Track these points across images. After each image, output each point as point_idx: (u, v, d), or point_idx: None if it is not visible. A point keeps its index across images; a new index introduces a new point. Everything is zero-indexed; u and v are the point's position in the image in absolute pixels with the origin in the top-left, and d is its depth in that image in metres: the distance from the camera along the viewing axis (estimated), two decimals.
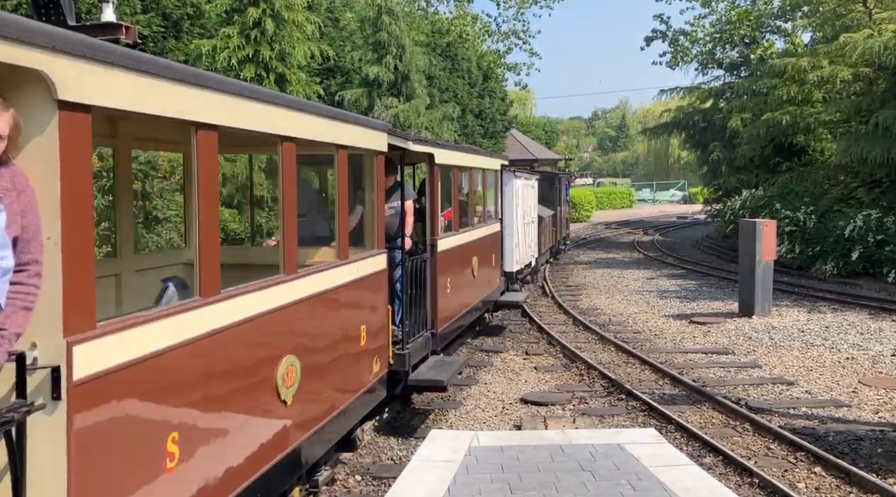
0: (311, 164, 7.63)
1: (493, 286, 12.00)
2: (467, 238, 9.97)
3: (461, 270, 9.62)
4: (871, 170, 18.86)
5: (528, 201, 16.47)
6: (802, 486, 6.28)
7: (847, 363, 10.36)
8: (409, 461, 6.11)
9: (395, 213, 7.37)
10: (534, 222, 17.55)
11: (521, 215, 15.31)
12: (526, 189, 16.21)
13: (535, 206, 17.75)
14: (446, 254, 8.67)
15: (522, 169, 19.11)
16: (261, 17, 16.23)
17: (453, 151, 9.40)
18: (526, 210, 16.13)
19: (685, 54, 37.60)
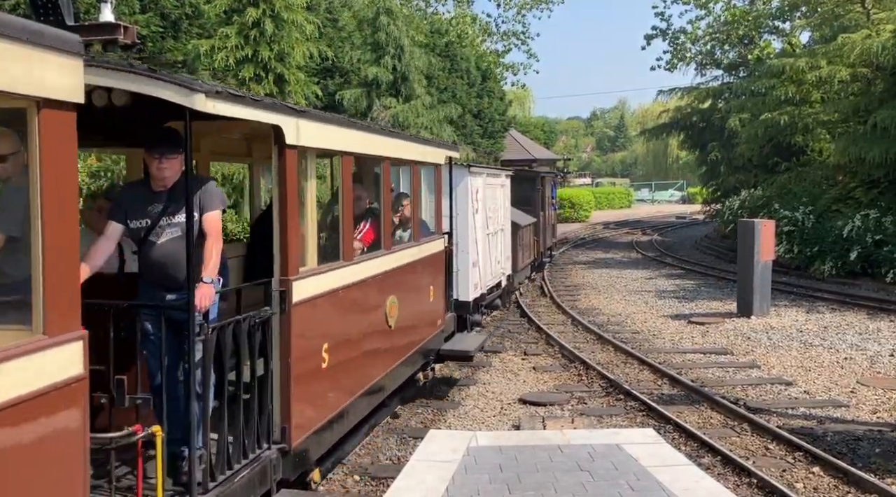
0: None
1: (430, 330, 8.27)
2: (372, 270, 6.37)
3: (356, 325, 6.08)
4: (869, 170, 18.87)
5: (494, 205, 13.06)
6: (800, 486, 6.28)
7: (845, 363, 10.37)
8: (408, 461, 6.12)
9: (178, 234, 4.29)
10: (503, 231, 13.87)
11: (481, 225, 11.92)
12: (491, 190, 12.92)
13: (506, 212, 14.25)
14: (316, 305, 5.18)
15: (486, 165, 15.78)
16: (260, 17, 16.23)
17: (337, 128, 5.70)
18: (491, 217, 12.77)
19: (684, 54, 37.64)
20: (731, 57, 34.84)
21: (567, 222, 43.46)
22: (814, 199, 20.85)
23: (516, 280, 15.93)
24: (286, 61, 16.90)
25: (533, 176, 19.75)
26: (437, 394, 9.16)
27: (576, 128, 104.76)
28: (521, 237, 15.85)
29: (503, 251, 13.81)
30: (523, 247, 16.40)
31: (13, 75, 2.59)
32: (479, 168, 12.36)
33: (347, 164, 5.94)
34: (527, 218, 17.32)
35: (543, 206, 19.59)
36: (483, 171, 12.39)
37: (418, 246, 7.75)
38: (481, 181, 12.00)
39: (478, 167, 12.28)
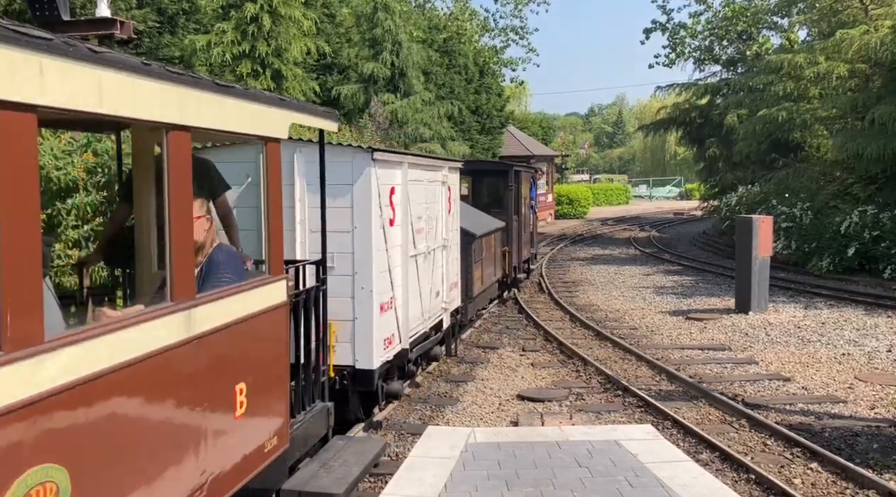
0: None
1: (237, 473, 4.05)
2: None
3: None
4: (867, 166, 18.88)
5: (430, 212, 8.88)
6: (799, 481, 6.29)
7: (843, 359, 10.38)
8: (406, 458, 6.11)
9: None
10: (447, 248, 9.64)
11: (402, 242, 7.79)
12: (422, 189, 8.54)
13: (453, 219, 10.09)
14: None
15: (410, 153, 9.47)
16: (258, 12, 16.19)
17: None
18: (424, 229, 8.61)
19: (683, 49, 37.62)
20: (729, 53, 34.82)
21: (565, 219, 43.47)
22: (812, 195, 20.86)
23: (472, 311, 11.96)
24: (283, 57, 16.87)
25: (502, 169, 15.84)
26: (436, 390, 9.15)
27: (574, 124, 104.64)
28: (478, 251, 12.00)
29: (446, 276, 9.54)
30: (484, 263, 12.52)
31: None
32: (396, 155, 7.80)
33: None
34: (489, 224, 13.34)
35: (518, 207, 15.64)
36: (402, 159, 7.81)
37: (192, 310, 3.51)
38: (400, 176, 7.62)
39: (393, 154, 7.71)
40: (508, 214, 14.96)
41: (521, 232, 16.27)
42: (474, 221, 12.26)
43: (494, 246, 13.53)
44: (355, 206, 6.82)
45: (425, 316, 8.69)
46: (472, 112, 29.83)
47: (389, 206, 7.31)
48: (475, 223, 12.24)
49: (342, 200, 6.74)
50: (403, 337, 7.75)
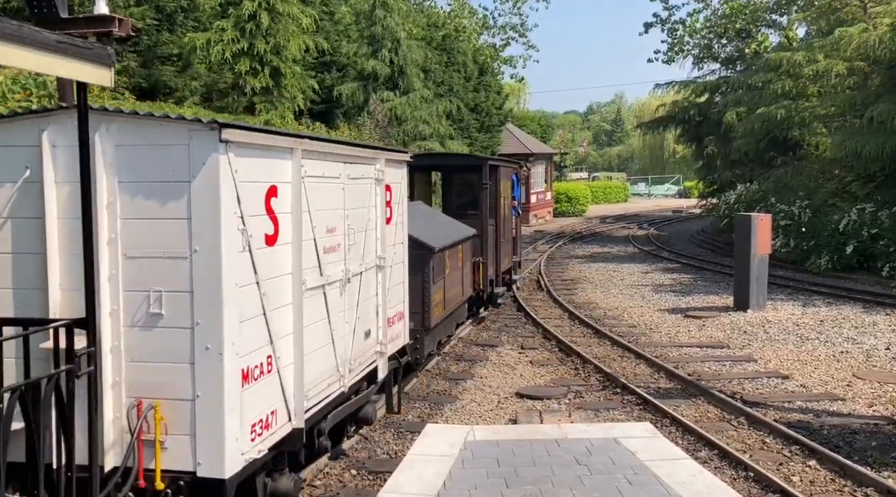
0: None
1: None
2: None
3: None
4: (865, 164, 18.89)
5: (355, 222, 6.35)
6: (797, 479, 6.30)
7: (841, 357, 10.39)
8: (405, 455, 6.11)
9: None
10: (385, 269, 7.06)
11: (290, 268, 5.16)
12: (342, 190, 6.11)
13: (397, 230, 7.64)
14: None
15: (315, 137, 6.34)
16: (256, 10, 16.17)
17: None
18: (338, 246, 6.04)
19: (682, 46, 37.61)
20: (728, 51, 34.81)
21: (564, 216, 43.47)
22: (810, 193, 20.87)
23: (430, 344, 9.52)
24: (282, 54, 16.85)
25: (475, 165, 13.38)
26: (435, 388, 9.16)
27: (573, 122, 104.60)
28: (439, 268, 9.53)
29: (383, 307, 6.97)
30: (448, 282, 10.05)
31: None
32: (278, 137, 5.02)
33: None
34: (455, 232, 10.90)
35: (495, 209, 13.23)
36: (292, 145, 5.11)
37: None
38: (289, 169, 5.11)
39: (270, 136, 4.93)
40: (482, 218, 12.43)
41: (500, 238, 13.48)
42: (434, 230, 9.88)
43: (463, 258, 10.96)
44: (195, 217, 4.26)
45: (345, 369, 5.95)
46: (471, 110, 29.83)
47: (266, 214, 4.75)
48: (435, 232, 9.79)
49: (172, 207, 4.27)
50: (296, 411, 5.06)
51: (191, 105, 15.42)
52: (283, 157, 4.96)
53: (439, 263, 9.50)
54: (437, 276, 9.39)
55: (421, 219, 9.58)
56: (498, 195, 13.50)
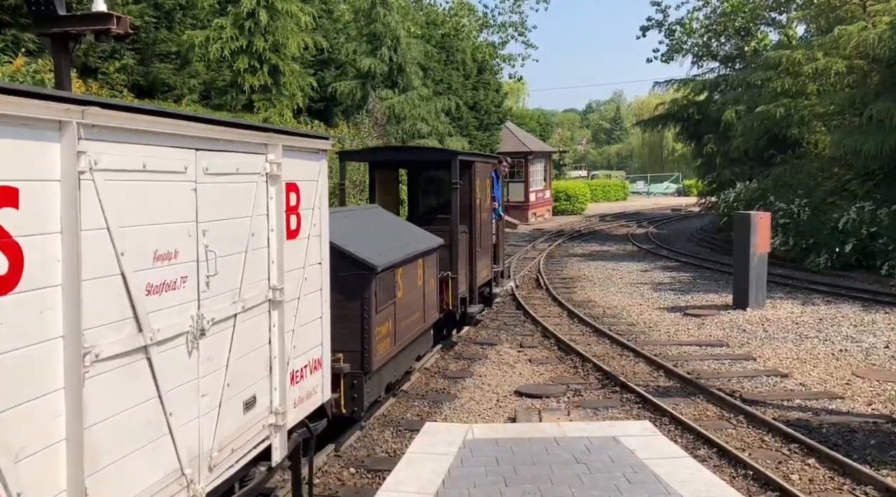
0: None
1: None
2: None
3: None
4: (864, 162, 18.89)
5: (221, 239, 4.08)
6: (796, 477, 6.29)
7: (840, 355, 10.39)
8: (404, 454, 6.10)
9: None
10: (282, 304, 4.82)
11: (60, 329, 2.91)
12: (193, 190, 3.81)
13: (300, 247, 5.23)
14: None
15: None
16: (254, 7, 16.14)
17: None
18: (181, 280, 3.72)
19: (681, 45, 37.59)
20: (727, 49, 34.79)
21: (563, 215, 43.47)
22: (809, 191, 20.87)
23: (371, 393, 7.35)
24: (281, 52, 16.81)
25: (442, 160, 11.26)
26: (434, 386, 9.15)
27: (572, 120, 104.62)
28: (386, 291, 7.49)
29: (279, 358, 4.84)
30: (401, 307, 7.98)
31: None
32: (43, 104, 2.74)
33: None
34: (412, 243, 8.70)
35: (469, 213, 11.16)
36: (67, 116, 2.87)
37: None
38: (55, 161, 2.88)
39: (21, 99, 2.64)
40: (452, 224, 10.35)
41: (475, 247, 11.36)
42: (384, 242, 7.86)
43: (425, 276, 8.78)
44: None
45: (198, 468, 3.85)
46: (470, 108, 29.80)
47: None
48: (385, 245, 7.74)
49: None
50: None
51: (189, 103, 15.39)
52: (38, 135, 2.81)
53: (386, 286, 7.35)
54: (384, 301, 7.28)
55: (369, 229, 7.83)
56: (472, 196, 11.24)
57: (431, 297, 9.22)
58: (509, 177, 38.68)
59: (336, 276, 6.03)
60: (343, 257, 6.64)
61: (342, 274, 6.57)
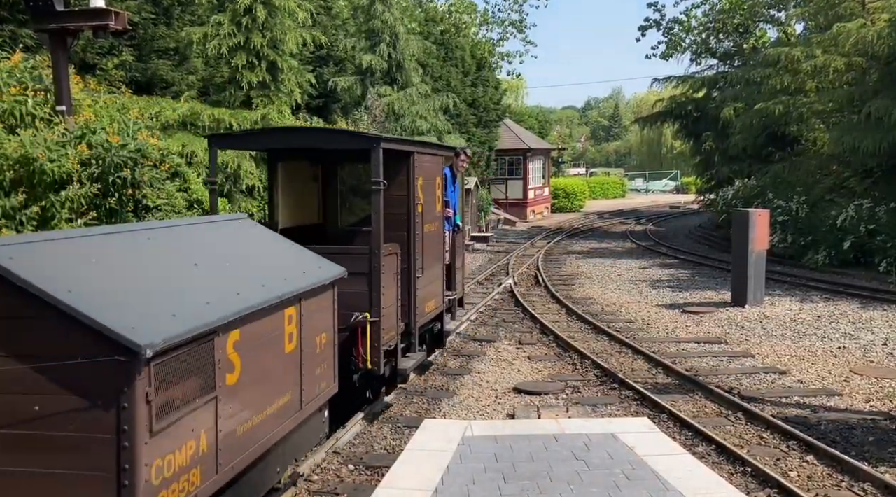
0: None
1: None
2: None
3: None
4: (863, 160, 18.90)
5: None
6: (795, 474, 6.30)
7: (839, 352, 10.40)
8: (403, 451, 6.10)
9: None
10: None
11: None
12: None
13: None
14: None
15: None
16: (252, 3, 16.09)
17: None
18: None
19: (679, 44, 37.56)
20: (726, 46, 34.77)
21: (561, 212, 43.49)
22: (808, 188, 20.88)
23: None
24: (279, 48, 16.77)
25: (358, 150, 7.88)
26: (432, 383, 9.15)
27: (570, 117, 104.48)
28: (162, 393, 3.56)
29: None
30: (228, 405, 4.20)
31: None
32: None
33: None
34: (274, 283, 4.98)
35: (409, 226, 8.13)
36: None
37: None
38: None
39: None
40: (373, 241, 7.18)
41: (415, 271, 8.14)
42: (206, 283, 4.51)
43: (302, 331, 5.33)
44: None
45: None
46: (468, 105, 29.75)
47: None
48: (202, 290, 4.36)
49: None
50: None
51: (187, 99, 15.36)
52: None
53: (185, 375, 3.79)
54: (177, 408, 3.73)
55: (189, 262, 4.66)
56: (411, 201, 8.08)
57: (321, 361, 5.69)
58: (508, 174, 38.84)
59: (60, 372, 3.39)
60: (71, 328, 3.35)
61: (71, 363, 3.39)
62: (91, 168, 8.39)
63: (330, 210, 8.82)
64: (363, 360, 7.09)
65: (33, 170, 8.01)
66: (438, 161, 9.29)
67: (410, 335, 8.15)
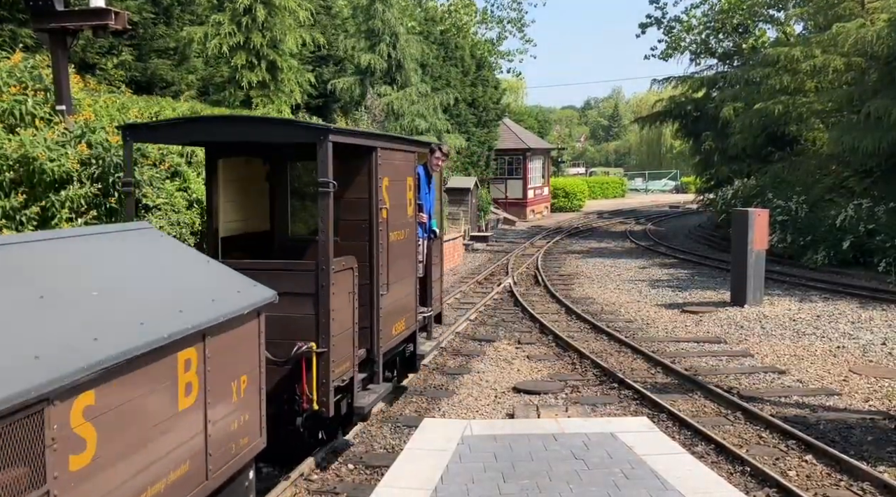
0: None
1: None
2: None
3: None
4: (862, 159, 18.91)
5: None
6: (793, 473, 6.31)
7: (838, 352, 10.41)
8: (402, 450, 6.11)
9: None
10: None
11: None
12: None
13: None
14: None
15: None
16: (252, 3, 16.10)
17: None
18: None
19: (678, 43, 37.57)
20: (725, 46, 34.78)
21: (561, 212, 43.50)
22: (807, 188, 20.89)
23: None
24: (279, 48, 16.77)
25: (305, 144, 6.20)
26: (432, 383, 9.16)
27: (570, 117, 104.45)
28: None
29: None
30: None
31: None
32: None
33: None
34: (155, 320, 3.61)
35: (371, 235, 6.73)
36: None
37: None
38: None
39: None
40: (321, 254, 5.87)
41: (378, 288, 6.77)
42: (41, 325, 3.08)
43: (205, 380, 4.00)
44: None
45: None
46: (468, 105, 29.75)
47: None
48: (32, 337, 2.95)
49: None
50: None
51: (187, 99, 15.36)
52: None
53: None
54: None
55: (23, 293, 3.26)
56: (373, 204, 6.70)
57: (239, 412, 4.46)
58: (507, 174, 38.87)
59: None
60: None
61: None
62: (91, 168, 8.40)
63: (279, 216, 7.35)
64: (308, 400, 5.75)
65: (33, 169, 8.02)
66: (410, 158, 7.85)
67: (373, 363, 6.74)
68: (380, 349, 6.76)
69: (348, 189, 6.60)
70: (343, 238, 6.41)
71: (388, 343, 7.01)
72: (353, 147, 6.44)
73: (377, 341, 6.73)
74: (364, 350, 6.63)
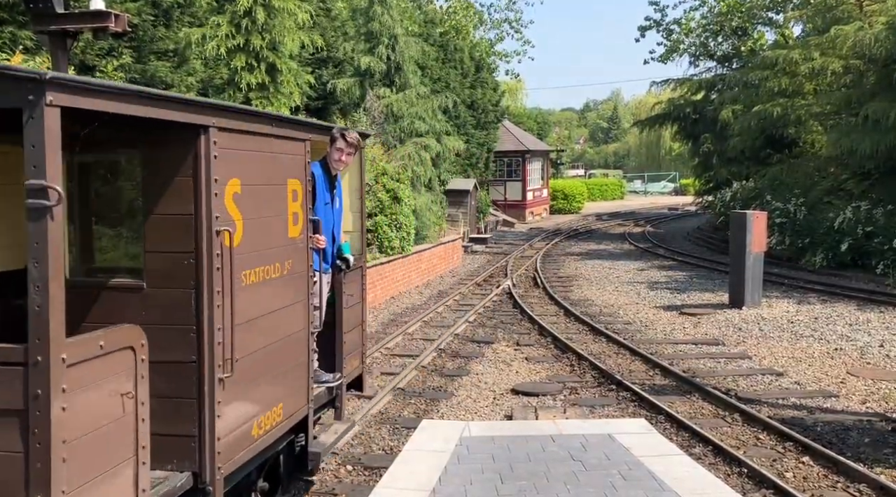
0: None
1: None
2: None
3: None
4: (860, 162, 18.94)
5: None
6: (790, 475, 6.33)
7: (835, 354, 10.43)
8: (401, 451, 6.12)
9: None
10: None
11: None
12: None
13: None
14: None
15: None
16: (251, 5, 16.12)
17: None
18: None
19: (678, 46, 37.63)
20: (724, 48, 34.85)
21: (560, 214, 43.53)
22: (805, 190, 20.93)
23: None
24: (278, 50, 16.79)
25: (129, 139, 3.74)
26: (430, 384, 9.18)
27: (569, 119, 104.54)
28: None
29: None
30: None
31: None
32: None
33: None
34: None
35: (198, 268, 3.84)
36: None
37: None
38: None
39: None
40: (39, 325, 2.75)
41: (211, 370, 3.81)
42: None
43: None
44: None
45: None
46: (467, 107, 29.78)
47: None
48: None
49: None
50: None
51: None
52: None
53: None
54: None
55: None
56: (199, 223, 3.85)
57: None
58: (506, 175, 38.89)
59: None
60: None
61: None
62: None
63: (80, 236, 4.24)
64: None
65: None
66: (292, 149, 4.91)
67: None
68: (216, 469, 3.91)
69: (161, 198, 3.89)
70: (154, 283, 3.89)
71: (237, 455, 4.15)
72: (152, 123, 3.49)
73: (209, 459, 3.89)
74: (189, 474, 3.84)
